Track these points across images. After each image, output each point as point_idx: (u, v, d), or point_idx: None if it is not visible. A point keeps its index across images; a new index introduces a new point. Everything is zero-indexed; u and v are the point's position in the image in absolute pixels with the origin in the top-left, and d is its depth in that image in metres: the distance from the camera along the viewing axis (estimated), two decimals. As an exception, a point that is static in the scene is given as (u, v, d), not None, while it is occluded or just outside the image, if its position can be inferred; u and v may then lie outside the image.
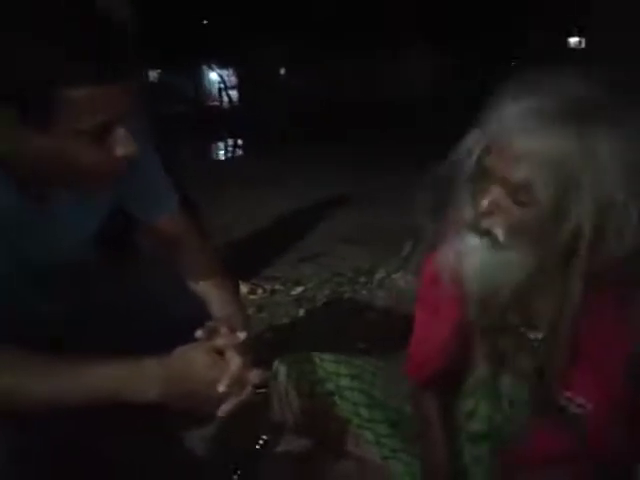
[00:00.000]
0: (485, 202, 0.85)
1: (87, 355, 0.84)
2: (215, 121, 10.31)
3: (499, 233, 0.87)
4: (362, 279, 2.56)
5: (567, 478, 0.96)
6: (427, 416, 1.14)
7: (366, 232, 3.24)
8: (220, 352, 0.95)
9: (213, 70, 13.03)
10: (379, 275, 2.54)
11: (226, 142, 8.69)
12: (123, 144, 0.82)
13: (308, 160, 5.70)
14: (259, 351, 1.23)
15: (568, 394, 0.95)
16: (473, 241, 0.90)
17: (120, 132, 0.82)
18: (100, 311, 1.09)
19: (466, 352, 1.12)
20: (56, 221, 0.95)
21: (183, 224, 1.15)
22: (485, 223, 0.87)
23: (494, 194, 0.85)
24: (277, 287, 2.44)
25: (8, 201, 0.85)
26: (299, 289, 2.43)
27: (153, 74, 10.66)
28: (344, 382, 1.34)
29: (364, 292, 2.43)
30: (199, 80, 12.89)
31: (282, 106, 10.48)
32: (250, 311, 2.18)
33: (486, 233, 0.88)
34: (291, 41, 11.76)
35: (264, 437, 1.21)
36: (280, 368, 1.38)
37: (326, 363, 1.39)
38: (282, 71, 13.42)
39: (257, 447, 1.21)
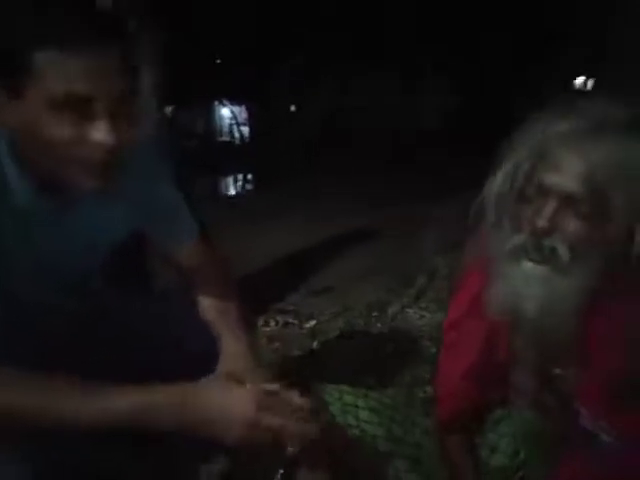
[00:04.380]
0: (545, 216, 0.82)
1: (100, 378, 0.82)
2: (227, 156, 10.45)
3: (563, 252, 0.83)
4: (375, 313, 2.54)
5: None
6: (453, 455, 1.13)
7: (380, 266, 3.24)
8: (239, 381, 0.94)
9: (225, 106, 13.26)
10: (393, 309, 2.52)
11: (237, 177, 8.79)
12: (102, 129, 0.74)
13: (321, 194, 5.74)
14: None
15: (600, 422, 0.93)
16: (531, 268, 0.85)
17: (102, 116, 0.74)
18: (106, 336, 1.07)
19: (491, 392, 1.11)
20: (71, 220, 0.91)
21: (204, 254, 1.13)
22: (547, 241, 0.83)
23: (554, 208, 0.82)
24: (290, 320, 2.43)
25: (24, 194, 0.82)
26: (312, 322, 2.41)
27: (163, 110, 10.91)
28: (363, 415, 1.32)
29: (379, 325, 2.41)
30: (210, 116, 13.12)
31: (294, 141, 10.62)
32: (263, 343, 2.17)
33: (549, 253, 0.83)
34: (303, 75, 12.00)
35: (281, 471, 1.18)
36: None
37: (345, 395, 1.37)
38: (292, 108, 13.65)
39: None
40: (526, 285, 0.87)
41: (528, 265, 0.86)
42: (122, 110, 0.76)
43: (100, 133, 0.74)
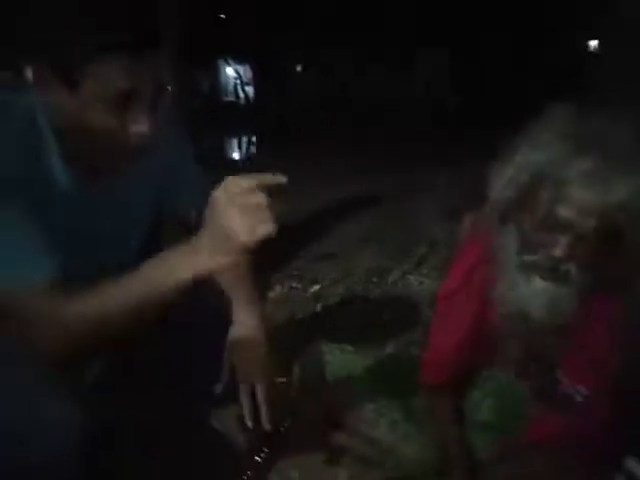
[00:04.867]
0: (563, 249, 0.93)
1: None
2: (232, 117, 10.39)
3: (575, 273, 0.96)
4: (375, 279, 2.65)
5: (561, 463, 1.08)
6: (440, 416, 1.26)
7: (382, 232, 3.33)
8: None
9: (230, 65, 13.09)
10: (393, 276, 2.63)
11: (241, 138, 8.77)
12: (142, 122, 0.86)
13: (324, 159, 5.78)
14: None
15: (569, 382, 1.07)
16: (541, 284, 0.98)
17: (142, 109, 0.86)
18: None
19: (483, 356, 1.24)
20: (108, 200, 1.00)
21: None
22: (563, 266, 0.95)
23: (570, 241, 0.93)
24: (294, 285, 2.55)
25: (66, 179, 0.92)
26: (316, 287, 2.53)
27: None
28: (359, 372, 1.46)
29: (378, 291, 2.53)
30: (215, 75, 12.96)
31: (300, 104, 10.56)
32: (268, 307, 2.29)
33: (563, 274, 0.96)
34: (308, 37, 11.81)
35: (265, 450, 1.25)
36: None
37: (347, 354, 1.51)
38: (298, 68, 13.47)
39: (258, 460, 1.25)
40: (534, 297, 0.99)
41: (538, 281, 0.98)
42: (157, 101, 0.88)
43: (140, 125, 0.86)
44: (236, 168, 6.31)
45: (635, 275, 0.97)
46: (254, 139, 8.90)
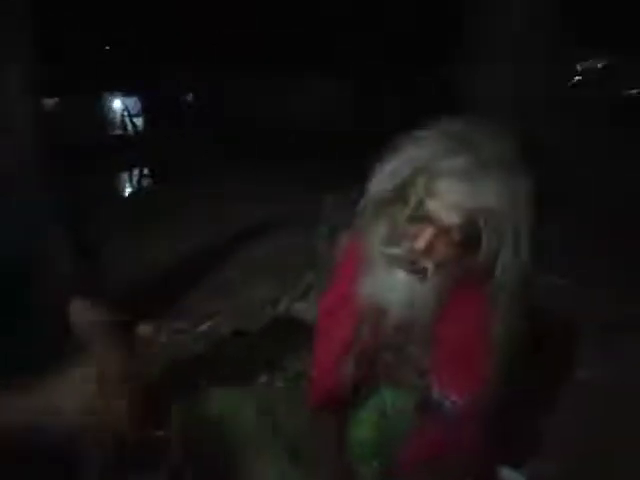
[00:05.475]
0: (424, 242, 0.97)
1: None
2: (120, 150, 10.05)
3: (432, 270, 0.99)
4: (268, 309, 2.63)
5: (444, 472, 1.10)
6: (323, 433, 1.25)
7: (273, 261, 3.32)
8: None
9: (116, 98, 12.69)
10: (283, 304, 2.63)
11: (132, 172, 8.49)
12: None
13: (217, 187, 5.70)
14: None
15: (443, 391, 1.10)
16: (401, 276, 1.00)
17: None
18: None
19: (360, 372, 1.23)
20: None
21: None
22: (422, 261, 0.98)
23: (432, 235, 0.96)
24: (181, 325, 2.47)
25: None
26: (205, 325, 2.46)
27: (51, 102, 10.26)
28: (249, 414, 1.41)
29: (269, 321, 2.51)
30: (101, 108, 12.51)
31: (189, 132, 10.41)
32: (154, 351, 2.20)
33: (421, 269, 0.99)
34: (197, 66, 11.73)
35: None
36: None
37: (232, 396, 1.45)
38: (189, 97, 13.31)
39: None
40: (394, 289, 1.02)
41: (399, 274, 1.01)
42: None
43: None
44: (125, 203, 6.10)
45: (489, 275, 1.00)
46: (145, 171, 8.64)
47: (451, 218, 0.95)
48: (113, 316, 1.27)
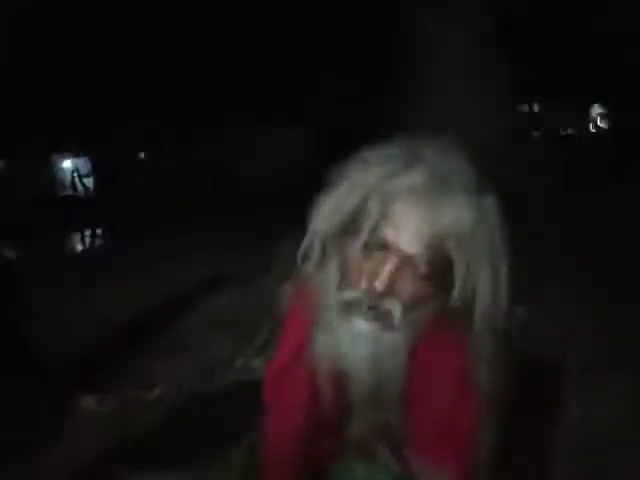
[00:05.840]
0: (384, 279, 0.78)
1: None
2: (71, 211, 9.81)
3: (397, 313, 0.81)
4: (223, 368, 2.49)
5: None
6: None
7: (228, 317, 3.18)
8: None
9: (66, 158, 12.50)
10: (238, 362, 2.49)
11: (83, 232, 8.27)
12: None
13: (170, 245, 5.56)
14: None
15: (418, 458, 0.94)
16: (362, 325, 0.82)
17: None
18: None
19: (324, 448, 1.07)
20: None
21: None
22: (385, 303, 0.80)
23: (394, 268, 0.78)
24: (131, 393, 2.29)
25: None
26: (155, 392, 2.29)
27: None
28: None
29: (225, 382, 2.36)
30: (50, 169, 12.29)
31: (143, 190, 10.25)
32: (98, 424, 2.02)
33: (384, 313, 0.80)
34: (147, 125, 11.68)
35: None
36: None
37: None
38: (142, 155, 13.22)
39: None
40: (354, 342, 0.83)
41: (359, 323, 0.82)
42: None
43: None
44: (76, 263, 5.87)
45: (471, 312, 0.82)
46: (98, 231, 8.43)
47: (413, 246, 0.78)
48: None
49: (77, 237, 8.04)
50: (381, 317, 0.80)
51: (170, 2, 9.24)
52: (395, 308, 0.80)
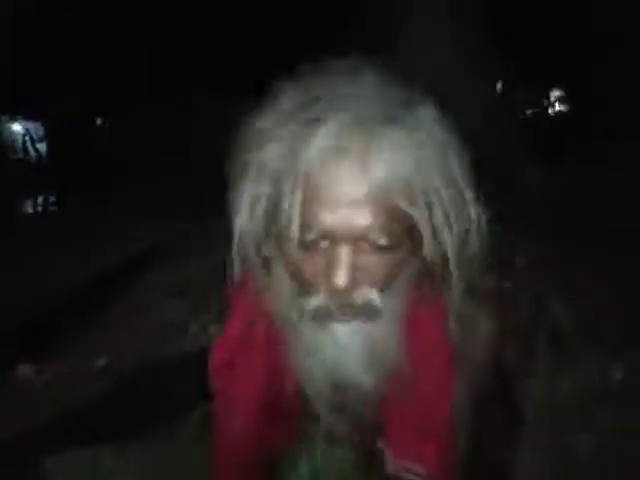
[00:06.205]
0: (344, 273, 0.61)
1: None
2: (20, 176, 9.38)
3: (376, 299, 0.64)
4: (176, 334, 2.34)
5: None
6: None
7: (182, 283, 3.03)
8: None
9: (16, 121, 11.92)
10: (193, 328, 2.34)
11: (34, 198, 7.91)
12: None
13: (123, 211, 5.34)
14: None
15: (394, 455, 0.82)
16: (342, 330, 0.65)
17: None
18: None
19: (285, 426, 0.93)
20: None
21: None
22: (356, 296, 0.63)
23: (349, 257, 0.61)
24: (74, 363, 2.12)
25: None
26: (101, 361, 2.13)
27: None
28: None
29: (179, 348, 2.21)
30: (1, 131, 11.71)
31: (96, 157, 9.84)
32: (38, 395, 1.86)
33: (361, 306, 0.64)
34: (103, 89, 11.19)
35: None
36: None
37: (105, 460, 1.16)
38: (98, 121, 12.69)
39: None
40: (342, 351, 0.68)
41: (338, 328, 0.66)
42: None
43: None
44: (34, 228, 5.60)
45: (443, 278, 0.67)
46: (51, 198, 8.09)
47: (357, 220, 0.60)
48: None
49: (27, 203, 7.72)
50: (360, 312, 0.65)
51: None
52: (371, 296, 0.64)
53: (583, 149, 6.41)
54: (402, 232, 0.63)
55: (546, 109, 12.44)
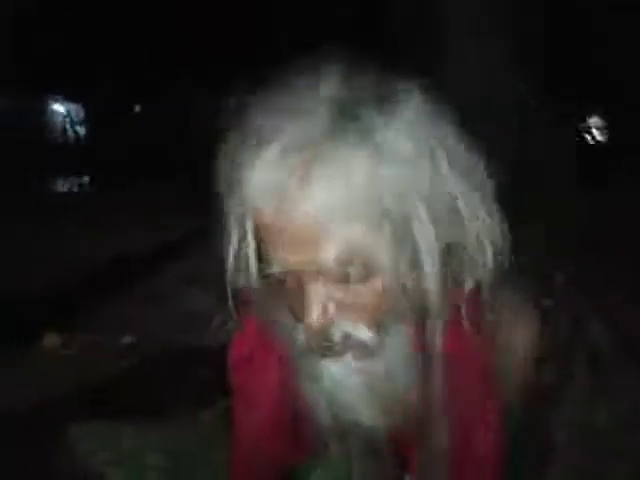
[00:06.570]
0: (314, 313, 0.54)
1: None
2: (59, 156, 9.59)
3: (357, 331, 0.58)
4: (199, 324, 2.36)
5: None
6: None
7: (212, 271, 3.05)
8: None
9: (58, 102, 12.16)
10: (217, 321, 2.35)
11: (69, 179, 8.08)
12: None
13: (154, 198, 5.42)
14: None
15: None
16: (335, 366, 0.59)
17: None
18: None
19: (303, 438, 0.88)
20: None
21: None
22: (334, 330, 0.56)
23: (316, 293, 0.54)
24: (100, 338, 2.15)
25: None
26: (127, 338, 2.15)
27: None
28: (151, 460, 1.12)
29: (202, 339, 2.23)
30: (43, 111, 11.95)
31: (134, 144, 10.01)
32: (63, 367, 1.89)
33: (343, 340, 0.57)
34: (145, 76, 11.38)
35: None
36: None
37: (124, 438, 1.15)
38: (137, 108, 12.90)
39: None
40: (338, 386, 0.62)
41: (328, 365, 0.61)
42: None
43: None
44: (61, 207, 5.72)
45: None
46: (86, 179, 8.25)
47: (312, 251, 0.52)
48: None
49: (65, 182, 7.89)
50: (344, 348, 0.58)
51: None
52: (352, 331, 0.58)
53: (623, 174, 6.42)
54: (375, 257, 0.55)
55: (591, 135, 12.32)
